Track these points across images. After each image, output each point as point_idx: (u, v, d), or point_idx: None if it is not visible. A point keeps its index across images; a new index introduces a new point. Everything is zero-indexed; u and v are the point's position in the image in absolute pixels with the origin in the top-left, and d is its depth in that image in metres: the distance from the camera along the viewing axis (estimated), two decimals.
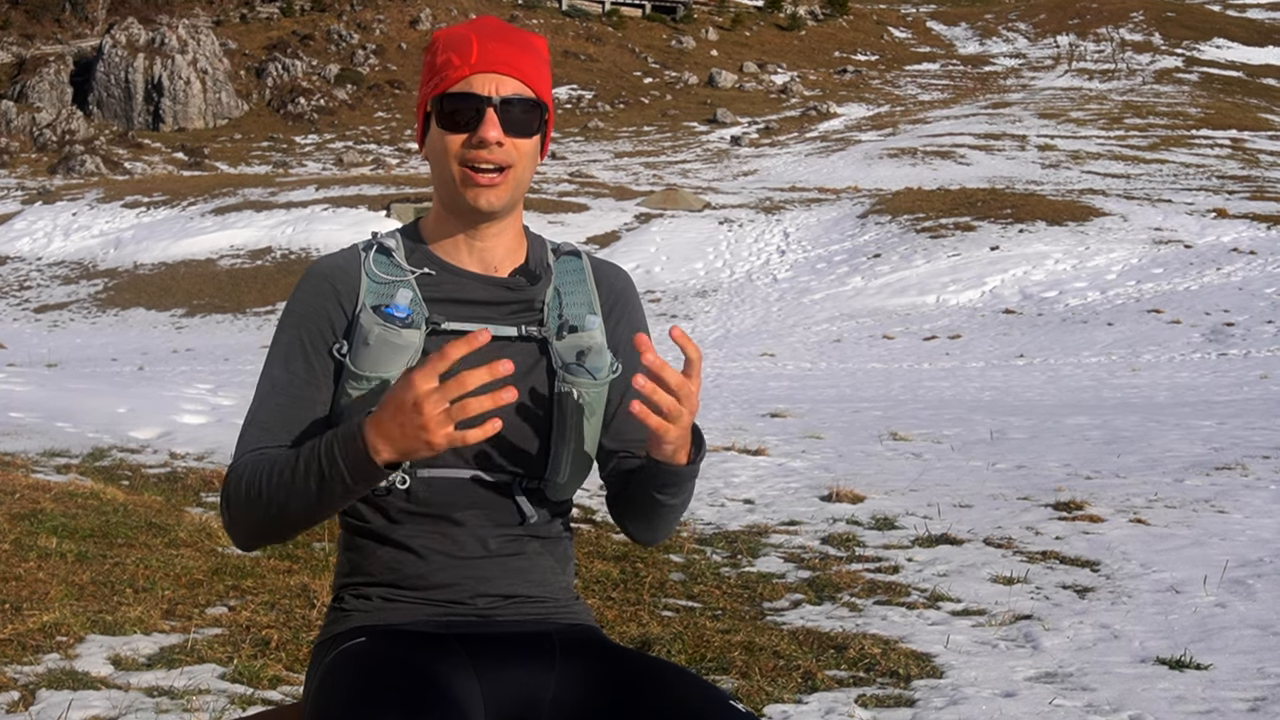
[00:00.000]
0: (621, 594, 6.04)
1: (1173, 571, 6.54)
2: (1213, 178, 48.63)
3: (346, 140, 73.73)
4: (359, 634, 2.19)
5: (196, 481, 8.73)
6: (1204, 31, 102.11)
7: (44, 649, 4.77)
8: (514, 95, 2.15)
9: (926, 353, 23.78)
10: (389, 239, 2.28)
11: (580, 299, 2.29)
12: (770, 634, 5.39)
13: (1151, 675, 4.88)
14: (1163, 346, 22.95)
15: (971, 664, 5.05)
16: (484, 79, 2.14)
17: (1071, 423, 12.71)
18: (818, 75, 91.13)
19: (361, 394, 2.17)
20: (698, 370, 2.05)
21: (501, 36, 2.18)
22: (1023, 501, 8.56)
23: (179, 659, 4.77)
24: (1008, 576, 6.49)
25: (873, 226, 36.17)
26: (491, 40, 2.17)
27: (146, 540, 6.72)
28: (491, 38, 2.17)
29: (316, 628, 5.17)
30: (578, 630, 2.25)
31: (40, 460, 9.28)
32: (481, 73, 2.14)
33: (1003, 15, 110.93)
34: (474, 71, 2.14)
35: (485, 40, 2.17)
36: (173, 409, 11.87)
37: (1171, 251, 31.49)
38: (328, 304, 2.22)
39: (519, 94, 2.15)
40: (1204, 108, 72.82)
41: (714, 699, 2.02)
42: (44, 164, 65.50)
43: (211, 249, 39.42)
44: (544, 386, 2.23)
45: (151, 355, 25.18)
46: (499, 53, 2.16)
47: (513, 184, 2.18)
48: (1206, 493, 8.77)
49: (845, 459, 10.50)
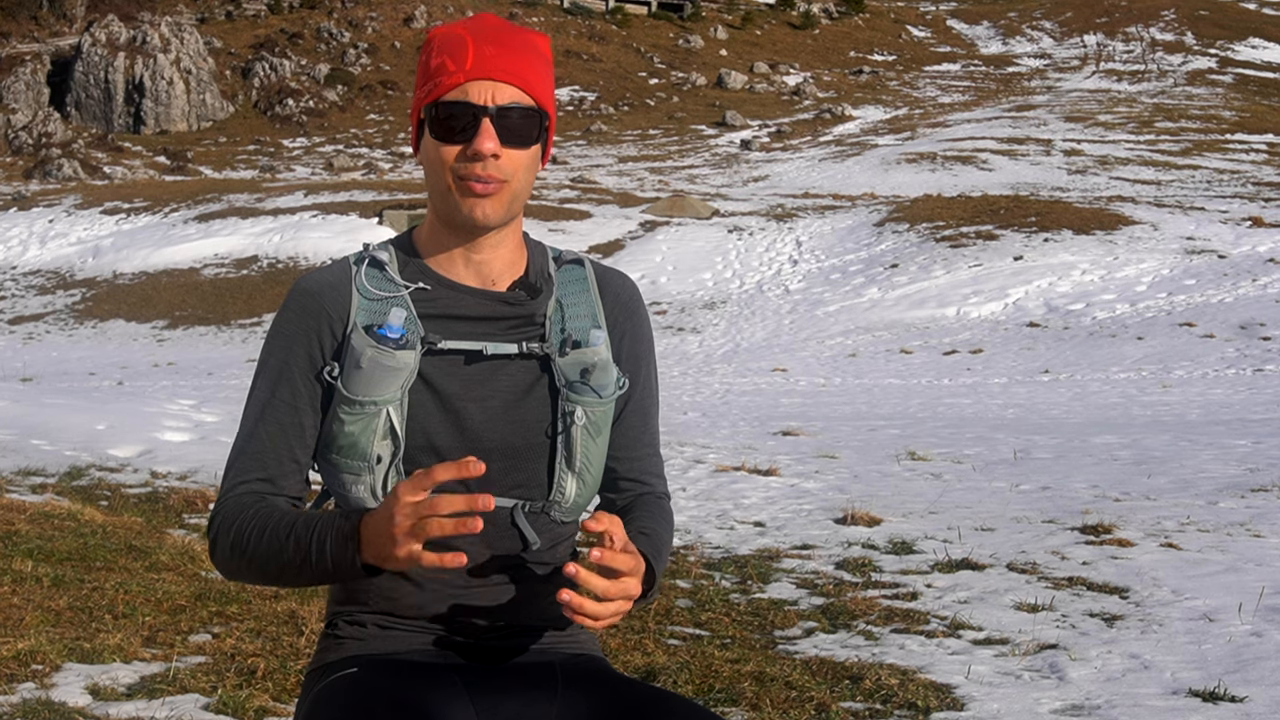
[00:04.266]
0: (625, 621, 6.03)
1: (1206, 599, 6.54)
2: (1248, 184, 48.59)
3: (337, 144, 73.82)
4: (351, 663, 2.19)
5: (179, 502, 8.74)
6: (1239, 31, 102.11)
7: (19, 678, 4.78)
8: (511, 104, 2.12)
9: (946, 368, 23.77)
10: (381, 251, 2.27)
11: (584, 311, 2.29)
12: (782, 664, 5.39)
13: (1183, 708, 4.88)
14: (1195, 362, 22.94)
15: (994, 695, 5.05)
16: (480, 86, 2.12)
17: (1099, 442, 12.70)
18: (832, 76, 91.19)
19: (354, 418, 2.17)
20: (622, 561, 2.01)
21: (499, 39, 2.15)
22: (1048, 525, 8.56)
23: (161, 689, 4.77)
24: (1032, 604, 6.49)
25: (890, 235, 36.18)
26: (489, 44, 2.14)
27: (126, 564, 6.73)
28: (489, 40, 2.15)
29: (305, 656, 5.18)
30: (582, 660, 2.25)
31: (14, 479, 9.29)
32: (477, 79, 2.12)
33: (1027, 13, 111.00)
34: (469, 78, 2.12)
35: (482, 44, 2.14)
36: (154, 426, 11.88)
37: (1204, 262, 31.48)
38: (317, 324, 2.21)
39: (517, 102, 2.13)
40: (1239, 111, 72.81)
41: None
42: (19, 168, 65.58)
43: (195, 258, 39.45)
44: (546, 405, 2.23)
45: (131, 369, 25.20)
46: (496, 58, 2.13)
47: (510, 196, 2.16)
48: (1241, 516, 8.77)
49: (861, 480, 10.50)
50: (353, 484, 2.19)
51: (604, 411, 2.24)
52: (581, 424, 2.22)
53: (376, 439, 2.16)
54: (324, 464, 2.23)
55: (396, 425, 2.16)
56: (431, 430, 2.18)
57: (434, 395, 2.18)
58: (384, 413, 2.16)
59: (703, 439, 12.92)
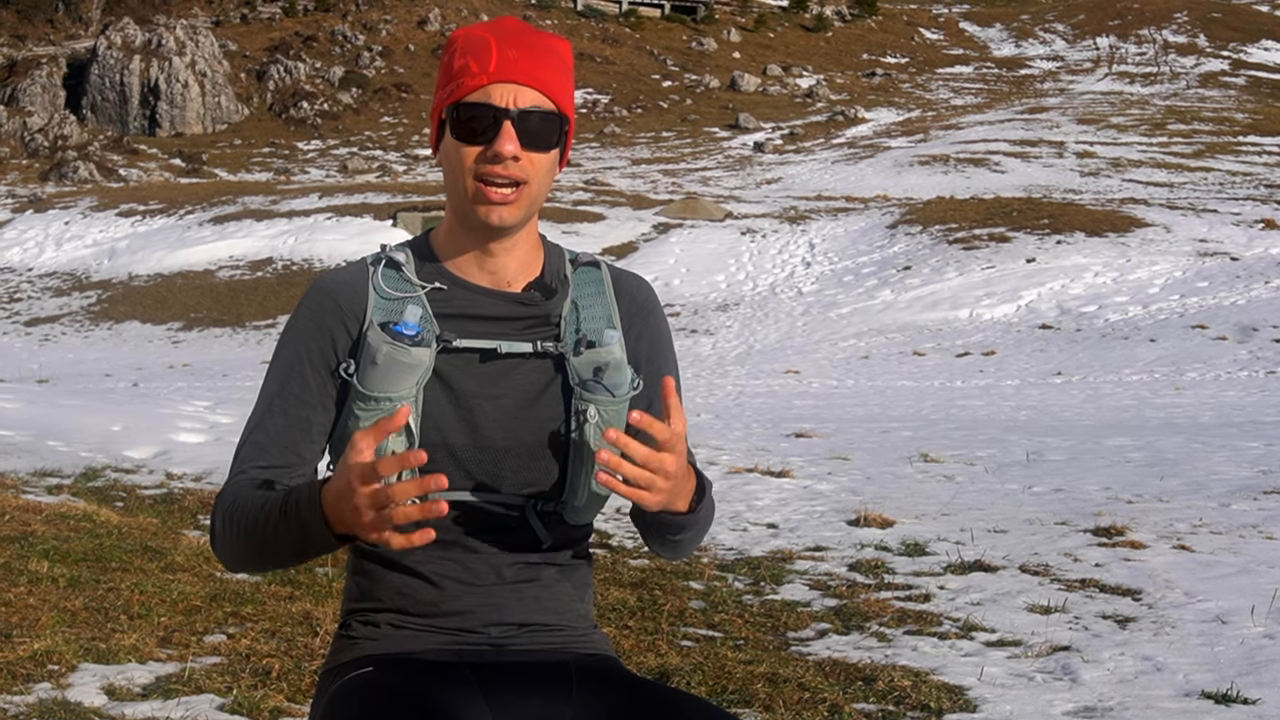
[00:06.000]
0: (639, 622, 6.04)
1: (1219, 601, 6.53)
2: (1261, 186, 48.46)
3: (351, 146, 73.93)
4: (366, 663, 2.20)
5: (194, 503, 8.76)
6: (1251, 33, 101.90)
7: (35, 678, 4.79)
8: (533, 107, 2.14)
9: (959, 370, 23.74)
10: (398, 252, 2.28)
11: (599, 312, 2.29)
12: (795, 665, 5.39)
13: (1196, 710, 4.87)
14: (1208, 364, 22.89)
15: (1006, 697, 5.04)
16: (502, 89, 2.13)
17: (1112, 444, 12.68)
18: (845, 78, 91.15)
19: (369, 414, 2.18)
20: (676, 440, 2.01)
21: (522, 42, 2.16)
22: (1060, 527, 8.54)
23: (176, 689, 4.78)
24: (1045, 605, 6.48)
25: (903, 237, 36.15)
26: (512, 46, 2.15)
27: (142, 564, 6.74)
28: (512, 43, 2.15)
29: (319, 656, 5.19)
30: (596, 660, 2.26)
31: (31, 481, 9.32)
32: (500, 82, 2.13)
33: (1039, 16, 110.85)
34: (492, 80, 2.13)
35: (505, 46, 2.15)
36: (169, 427, 11.91)
37: (1217, 264, 31.42)
38: (331, 321, 2.23)
39: (538, 105, 2.14)
40: (1251, 113, 72.63)
41: None
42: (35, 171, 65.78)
43: (210, 260, 39.53)
44: (560, 405, 2.23)
45: (147, 371, 25.26)
46: (519, 61, 2.14)
47: (528, 200, 2.17)
48: (1254, 518, 8.75)
49: (874, 481, 10.50)
50: None
51: (617, 410, 2.23)
52: (594, 423, 2.22)
53: (391, 435, 2.17)
54: (339, 459, 2.24)
55: (411, 422, 2.17)
56: (446, 427, 2.19)
57: (449, 393, 2.19)
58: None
59: (716, 440, 12.91)
